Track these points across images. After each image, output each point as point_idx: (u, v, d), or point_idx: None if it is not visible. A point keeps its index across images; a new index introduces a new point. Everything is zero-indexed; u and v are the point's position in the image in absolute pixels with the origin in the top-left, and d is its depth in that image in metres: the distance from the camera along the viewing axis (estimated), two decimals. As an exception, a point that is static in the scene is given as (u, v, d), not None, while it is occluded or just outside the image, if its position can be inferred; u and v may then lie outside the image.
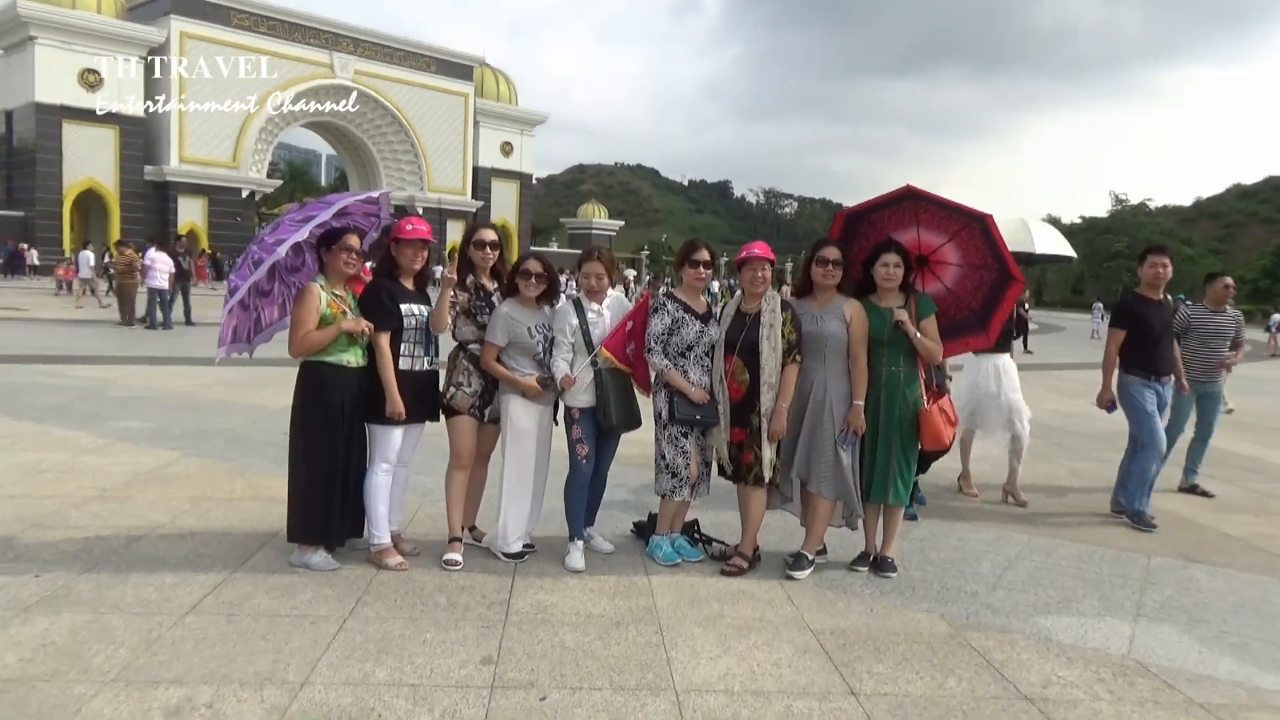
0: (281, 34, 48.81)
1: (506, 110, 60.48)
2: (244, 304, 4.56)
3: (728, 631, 4.10)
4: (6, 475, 6.28)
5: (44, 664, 3.47)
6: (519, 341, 4.69)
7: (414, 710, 3.24)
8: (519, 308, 4.74)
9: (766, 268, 4.83)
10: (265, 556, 4.79)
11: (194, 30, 45.38)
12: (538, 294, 4.75)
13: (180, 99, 44.94)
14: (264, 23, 48.26)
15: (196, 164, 46.02)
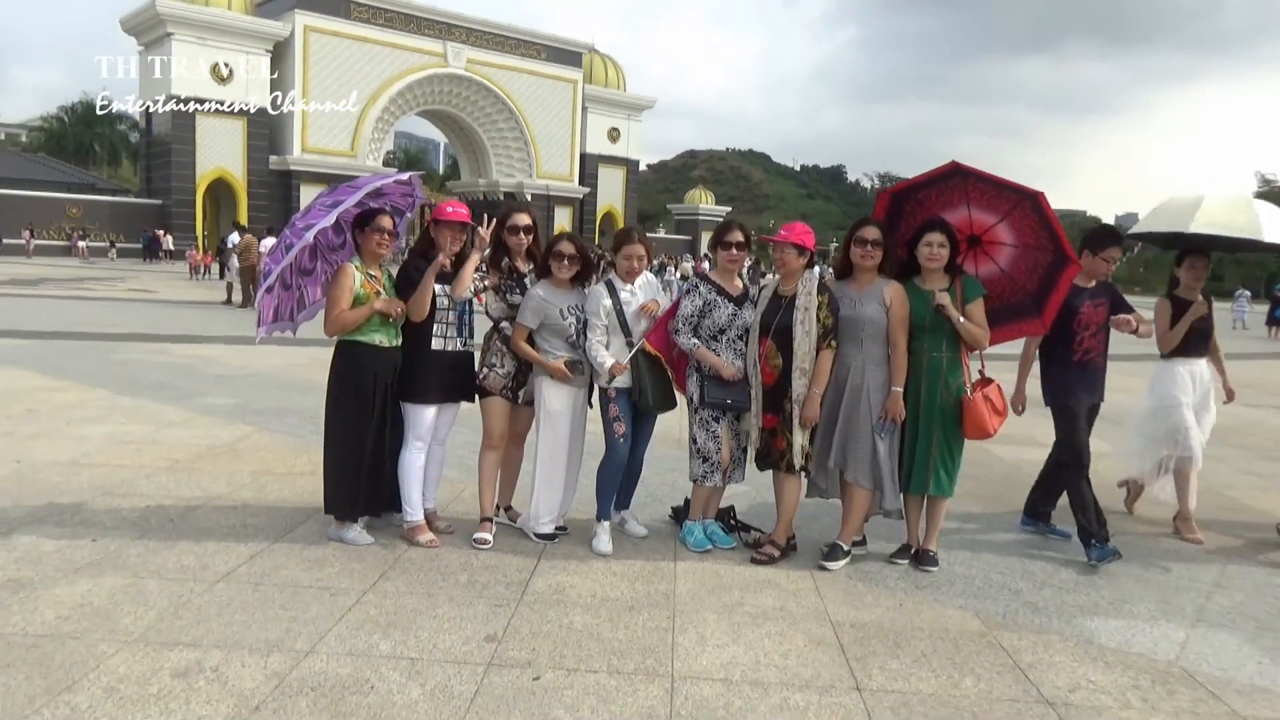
0: (398, 25, 50.13)
1: (614, 96, 60.68)
2: (286, 283, 4.70)
3: (743, 620, 4.01)
4: (94, 445, 6.67)
5: (77, 622, 3.66)
6: (551, 323, 4.69)
7: (406, 683, 3.28)
8: (551, 289, 4.73)
9: (791, 252, 4.67)
10: (307, 529, 4.94)
11: (316, 23, 47.06)
12: (571, 275, 4.73)
13: (303, 91, 46.70)
14: (381, 15, 49.63)
15: (317, 153, 47.80)
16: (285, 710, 3.06)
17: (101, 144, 67.35)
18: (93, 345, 12.38)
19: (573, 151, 58.44)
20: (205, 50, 44.44)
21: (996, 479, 7.03)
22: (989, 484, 6.86)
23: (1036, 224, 4.67)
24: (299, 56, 46.88)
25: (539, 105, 56.14)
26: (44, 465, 6.04)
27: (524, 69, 55.24)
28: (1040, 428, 9.56)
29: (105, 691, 3.13)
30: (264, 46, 46.32)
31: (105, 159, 67.79)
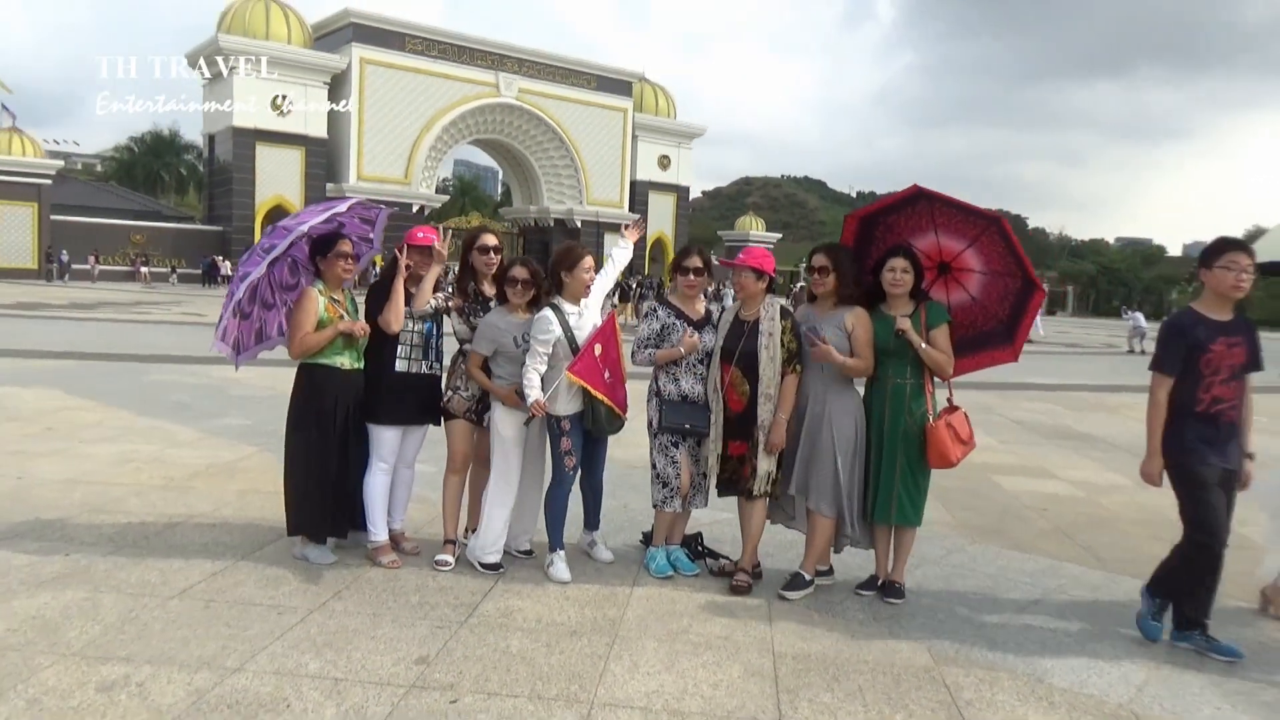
0: (451, 56, 51.14)
1: (665, 124, 61.07)
2: (244, 313, 4.79)
3: (682, 648, 3.95)
4: (97, 464, 6.85)
5: (23, 635, 3.76)
6: (505, 350, 4.70)
7: (323, 702, 3.30)
8: (505, 315, 4.74)
9: (749, 275, 4.64)
10: (276, 548, 5.00)
11: (372, 56, 48.23)
12: (526, 300, 4.74)
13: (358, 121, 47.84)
14: (435, 46, 50.68)
15: (373, 181, 48.81)
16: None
17: (169, 172, 69.68)
18: (129, 366, 12.76)
19: (623, 179, 58.88)
20: (265, 83, 45.74)
21: (995, 510, 6.85)
22: (985, 515, 6.69)
23: (1003, 249, 4.58)
24: (355, 87, 48.05)
25: (589, 133, 56.74)
26: (42, 482, 6.22)
27: (574, 98, 55.92)
28: (1056, 458, 9.36)
29: (28, 703, 3.20)
30: (322, 78, 47.58)
31: (173, 187, 70.11)
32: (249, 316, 4.83)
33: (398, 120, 49.13)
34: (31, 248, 43.29)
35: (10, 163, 41.98)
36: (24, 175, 42.45)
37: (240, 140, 45.19)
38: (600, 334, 4.59)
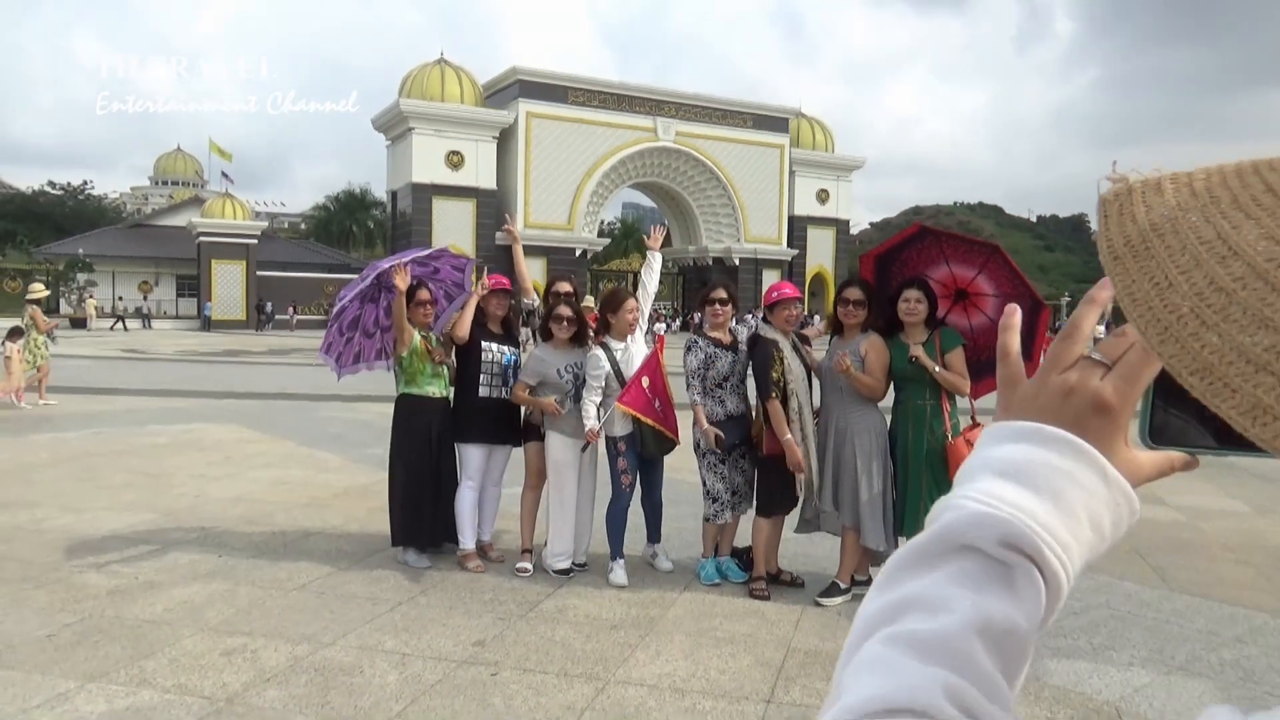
0: (611, 105, 53.25)
1: (823, 158, 61.01)
2: (368, 333, 5.79)
3: (706, 642, 4.46)
4: (258, 485, 8.02)
5: (175, 614, 4.71)
6: (549, 381, 5.38)
7: (388, 670, 4.03)
8: (550, 350, 5.43)
9: (799, 306, 5.16)
10: (384, 555, 5.85)
11: (537, 109, 50.95)
12: (569, 336, 5.42)
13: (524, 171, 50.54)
14: (596, 97, 52.93)
15: (538, 228, 51.31)
16: (288, 681, 3.90)
17: (359, 227, 75.47)
18: (301, 404, 14.35)
19: (781, 214, 59.14)
20: (440, 140, 49.16)
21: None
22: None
23: (1009, 273, 4.88)
24: (522, 140, 50.84)
25: (746, 171, 57.44)
26: (213, 500, 7.39)
27: (731, 138, 56.85)
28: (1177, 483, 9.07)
29: (169, 661, 4.09)
30: (491, 134, 50.64)
31: (362, 241, 75.83)
32: (351, 340, 5.79)
33: (561, 169, 51.53)
34: (242, 301, 48.08)
35: (225, 225, 46.99)
36: (236, 236, 47.35)
37: (419, 195, 48.66)
38: (646, 367, 5.22)
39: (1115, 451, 0.57)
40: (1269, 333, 0.37)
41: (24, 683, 3.85)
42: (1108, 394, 0.56)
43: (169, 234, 56.91)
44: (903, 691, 0.49)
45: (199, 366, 22.32)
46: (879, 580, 0.58)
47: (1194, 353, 0.40)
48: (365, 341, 5.97)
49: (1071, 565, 0.54)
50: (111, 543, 6.02)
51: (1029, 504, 0.54)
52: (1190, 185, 0.43)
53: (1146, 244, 0.43)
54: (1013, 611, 0.53)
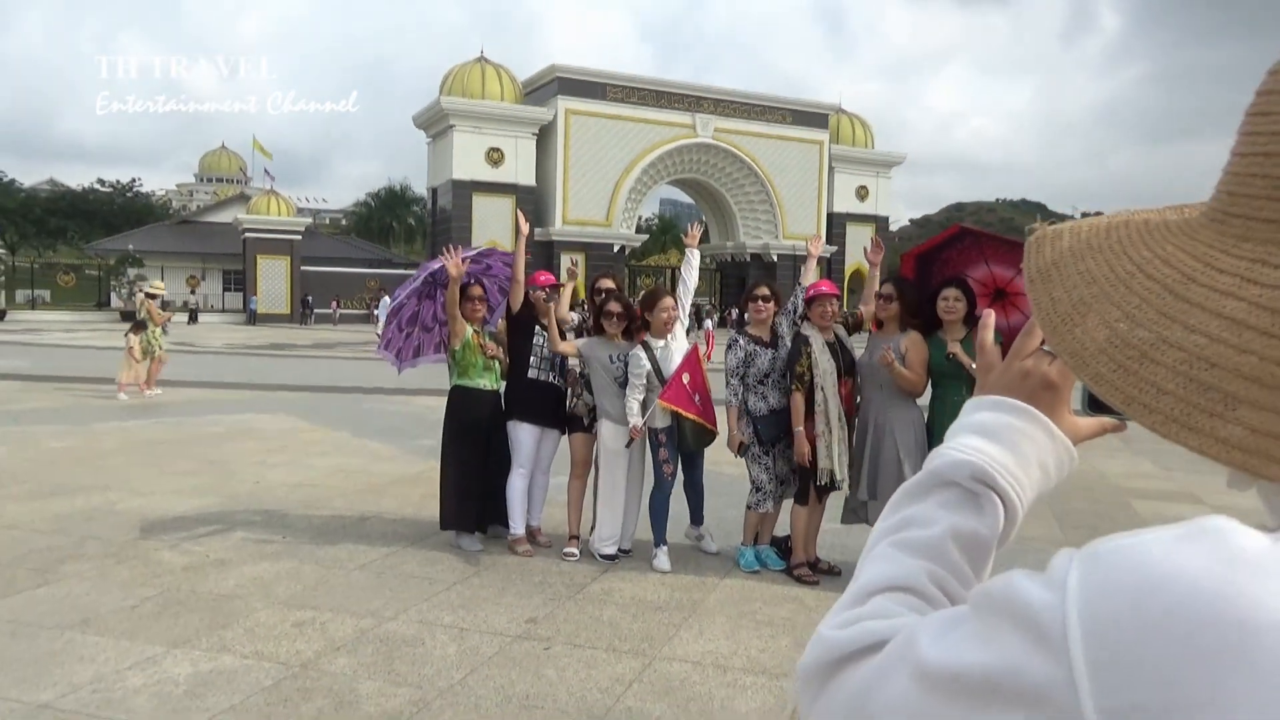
0: (650, 102, 53.41)
1: (862, 154, 60.73)
2: (426, 327, 6.10)
3: (746, 624, 4.69)
4: (317, 473, 8.36)
5: (247, 588, 5.03)
6: (603, 364, 5.62)
7: (447, 642, 4.30)
8: (603, 340, 5.68)
9: (834, 302, 5.36)
10: (438, 538, 6.13)
11: (576, 106, 51.27)
12: (619, 330, 5.67)
13: (563, 168, 50.92)
14: (635, 94, 53.13)
15: (576, 224, 51.67)
16: (356, 650, 4.18)
17: (399, 224, 76.42)
18: (350, 397, 14.76)
19: (819, 211, 58.95)
20: (481, 137, 49.67)
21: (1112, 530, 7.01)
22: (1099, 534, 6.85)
23: (1047, 276, 5.03)
24: (561, 136, 51.20)
25: (785, 168, 57.32)
26: (274, 485, 7.74)
27: (770, 134, 56.77)
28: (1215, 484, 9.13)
29: (245, 630, 4.40)
30: (531, 131, 51.06)
31: (402, 237, 76.79)
32: (410, 335, 6.09)
33: (600, 165, 51.82)
34: (286, 295, 48.99)
35: (270, 221, 47.91)
36: (280, 232, 48.26)
37: (459, 192, 49.20)
38: (686, 364, 5.46)
39: (1060, 417, 0.79)
40: (1110, 331, 0.59)
41: (114, 647, 4.17)
42: (1054, 376, 0.79)
43: (215, 230, 58.09)
44: (900, 574, 0.72)
45: (248, 360, 22.91)
46: (889, 506, 0.82)
47: (1068, 341, 0.62)
48: (424, 335, 6.28)
49: (1024, 495, 0.77)
50: (182, 523, 6.38)
51: (994, 452, 0.77)
52: (1077, 234, 0.65)
53: (1046, 273, 0.66)
54: (978, 525, 0.75)
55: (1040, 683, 0.48)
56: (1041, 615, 0.49)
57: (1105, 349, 0.58)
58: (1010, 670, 0.50)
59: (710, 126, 54.73)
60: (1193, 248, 0.57)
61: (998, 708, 0.50)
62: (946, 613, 0.62)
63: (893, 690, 0.59)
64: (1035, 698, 0.49)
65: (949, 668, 0.55)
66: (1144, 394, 0.55)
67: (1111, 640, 0.46)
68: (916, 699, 0.57)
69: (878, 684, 0.61)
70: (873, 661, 0.63)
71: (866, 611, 0.69)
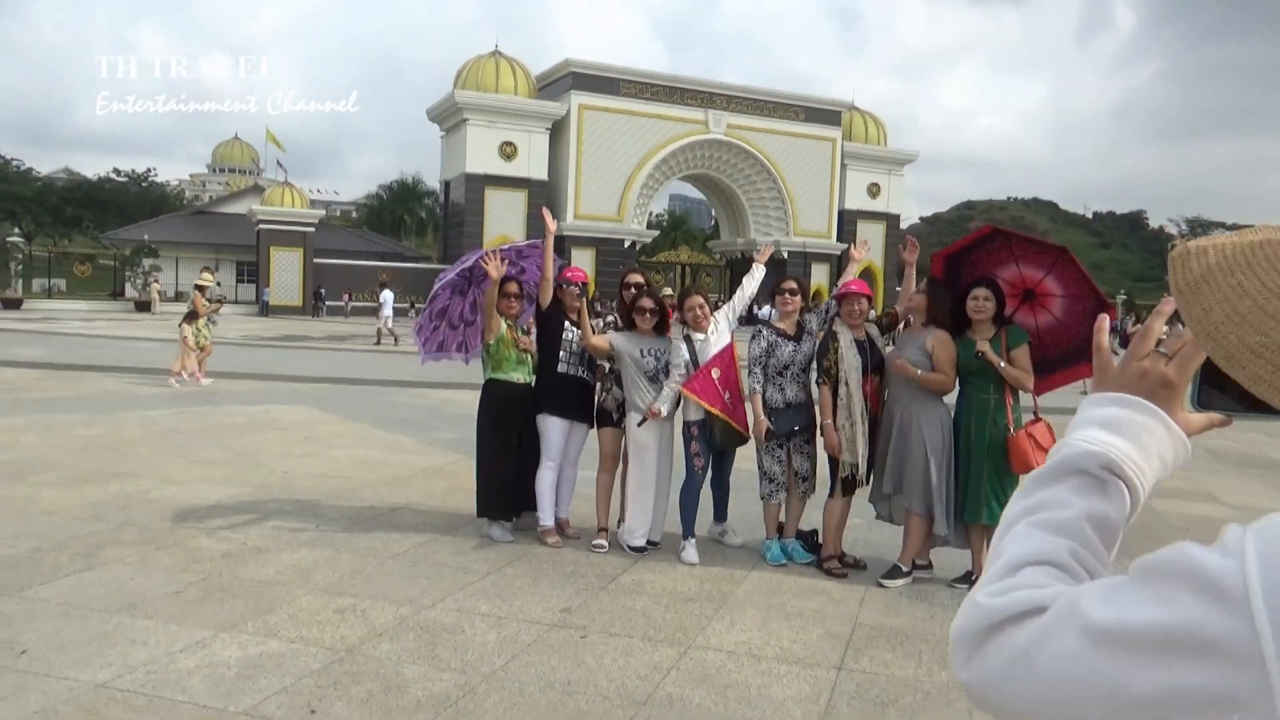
0: (662, 97, 53.41)
1: (874, 151, 60.61)
2: (452, 324, 6.22)
3: (777, 615, 4.77)
4: (342, 464, 8.47)
5: (287, 576, 5.13)
6: (635, 359, 5.71)
7: (486, 630, 4.40)
8: (634, 335, 5.77)
9: (865, 302, 5.44)
10: (468, 529, 6.23)
11: (589, 101, 51.32)
12: (651, 325, 5.76)
13: (576, 162, 51.00)
14: (648, 89, 53.15)
15: (588, 219, 51.74)
16: (398, 636, 4.28)
17: (411, 217, 76.59)
18: (368, 389, 14.89)
19: (831, 208, 58.91)
20: (494, 131, 49.77)
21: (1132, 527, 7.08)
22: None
23: (1077, 275, 5.11)
24: (574, 131, 51.26)
25: (796, 165, 57.28)
26: (301, 475, 7.85)
27: (782, 130, 56.71)
28: (1230, 484, 9.19)
29: (289, 616, 4.51)
30: (544, 125, 51.12)
31: (414, 230, 77.00)
32: (438, 329, 6.21)
33: (612, 160, 51.86)
34: (298, 287, 49.19)
35: (284, 213, 48.10)
36: (294, 224, 48.46)
37: (472, 185, 49.31)
38: (718, 359, 5.54)
39: (1174, 412, 0.88)
40: (1264, 338, 0.67)
41: (163, 631, 4.28)
42: (1170, 375, 0.88)
43: (229, 221, 58.35)
44: (1044, 550, 0.81)
45: (264, 351, 23.05)
46: (1020, 491, 0.90)
47: (1223, 346, 0.70)
48: (450, 332, 6.40)
49: (1146, 483, 0.86)
50: (216, 511, 6.49)
51: (1119, 444, 0.85)
52: (1223, 250, 0.73)
53: (1196, 286, 0.74)
54: (1109, 509, 0.84)
55: (1222, 636, 0.57)
56: (1223, 579, 0.58)
57: (1261, 354, 0.66)
58: (1191, 626, 0.58)
59: (723, 123, 54.69)
60: None
61: (1180, 661, 0.59)
62: (1106, 580, 0.70)
63: (1059, 648, 0.68)
64: (1216, 650, 0.57)
65: (1123, 626, 0.63)
66: None
67: None
68: (1088, 655, 0.65)
69: (1042, 643, 0.70)
70: (1035, 623, 0.71)
71: (1019, 581, 0.78)
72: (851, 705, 3.79)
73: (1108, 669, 0.63)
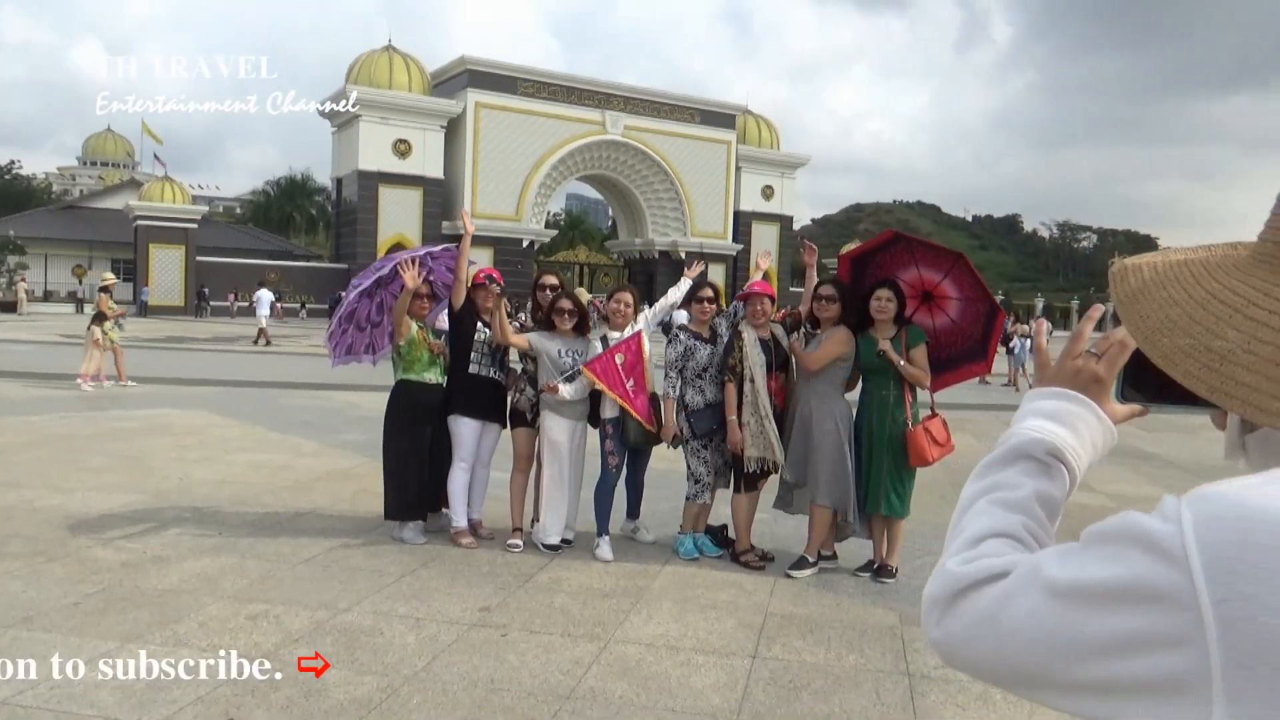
0: (560, 98, 53.33)
1: (768, 155, 61.88)
2: (360, 325, 6.13)
3: (692, 608, 4.90)
4: (240, 469, 8.24)
5: (192, 584, 4.99)
6: (551, 359, 5.76)
7: (405, 631, 4.39)
8: (552, 335, 5.83)
9: (769, 302, 5.63)
10: (379, 532, 6.17)
11: (486, 100, 50.83)
12: (571, 326, 5.83)
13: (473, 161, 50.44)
14: (545, 89, 52.98)
15: (485, 218, 51.12)
16: (315, 641, 4.23)
17: (301, 214, 74.35)
18: (263, 391, 14.46)
19: (727, 210, 59.85)
20: (388, 128, 48.78)
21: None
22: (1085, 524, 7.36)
23: (971, 279, 5.41)
24: (471, 130, 50.69)
25: (693, 166, 57.99)
26: (199, 481, 7.61)
27: (678, 133, 57.32)
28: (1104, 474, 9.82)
29: (199, 624, 4.40)
30: (439, 123, 50.38)
31: (303, 228, 74.76)
32: (346, 332, 6.14)
33: (510, 159, 51.50)
34: (180, 286, 47.21)
35: (164, 209, 46.09)
36: (175, 220, 46.47)
37: (365, 183, 48.22)
38: (624, 345, 5.65)
39: (1103, 404, 1.01)
40: (1193, 341, 0.79)
41: (65, 644, 4.12)
42: (1100, 372, 1.01)
43: (103, 216, 55.58)
44: (1002, 524, 0.93)
45: (146, 353, 22.05)
46: (974, 474, 1.02)
47: (1159, 348, 0.83)
48: (357, 334, 6.33)
49: (1082, 465, 0.99)
50: (110, 521, 6.25)
51: (1060, 432, 0.98)
52: (1154, 267, 0.86)
53: (1134, 298, 0.86)
54: (1053, 488, 0.97)
55: (1165, 585, 0.68)
56: (1164, 539, 0.69)
57: (1190, 354, 0.78)
58: (1139, 579, 0.70)
59: (620, 124, 54.95)
60: (1251, 281, 0.77)
61: (1130, 608, 0.70)
62: (1060, 546, 0.82)
63: (1023, 605, 0.79)
64: (1162, 597, 0.68)
65: (1081, 582, 0.74)
66: (1225, 384, 0.75)
67: (1221, 552, 0.66)
68: (1049, 609, 0.76)
69: (1006, 602, 0.81)
70: (999, 586, 0.82)
71: (982, 551, 0.89)
72: (767, 691, 3.93)
73: (1068, 620, 0.74)
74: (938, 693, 3.95)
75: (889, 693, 3.95)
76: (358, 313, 6.31)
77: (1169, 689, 0.68)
